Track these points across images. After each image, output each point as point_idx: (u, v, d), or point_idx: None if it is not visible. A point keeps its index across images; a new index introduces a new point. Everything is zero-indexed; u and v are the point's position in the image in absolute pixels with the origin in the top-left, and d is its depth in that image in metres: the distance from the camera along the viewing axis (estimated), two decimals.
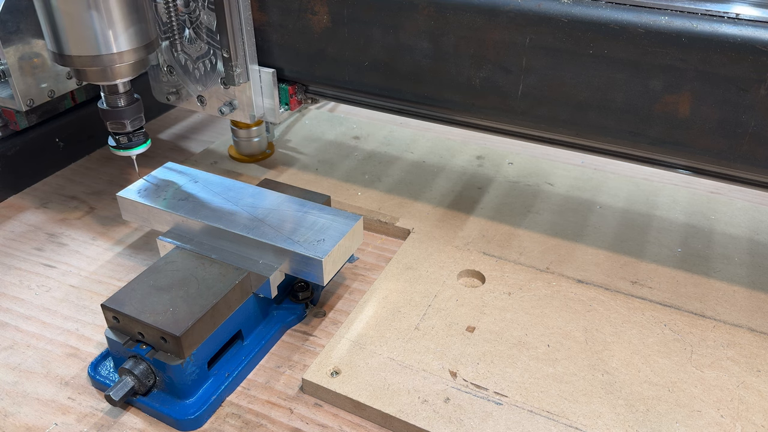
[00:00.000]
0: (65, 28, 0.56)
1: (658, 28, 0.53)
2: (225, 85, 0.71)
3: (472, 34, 0.60)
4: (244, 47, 0.69)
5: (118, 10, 0.57)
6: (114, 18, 0.57)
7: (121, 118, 0.65)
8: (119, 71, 0.61)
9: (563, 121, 0.60)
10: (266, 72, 0.71)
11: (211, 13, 0.67)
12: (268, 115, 0.73)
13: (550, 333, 0.62)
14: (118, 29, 0.58)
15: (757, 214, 0.80)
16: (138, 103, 0.66)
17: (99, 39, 0.57)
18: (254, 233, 0.62)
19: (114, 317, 0.56)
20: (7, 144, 0.86)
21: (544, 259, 0.72)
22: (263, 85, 0.72)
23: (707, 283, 0.68)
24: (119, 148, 0.67)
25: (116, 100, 0.64)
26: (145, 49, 0.61)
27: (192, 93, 0.74)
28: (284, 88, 0.72)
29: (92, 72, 0.60)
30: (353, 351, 0.60)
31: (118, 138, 0.67)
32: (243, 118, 0.74)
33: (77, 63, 0.58)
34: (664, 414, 0.54)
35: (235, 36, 0.68)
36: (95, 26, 0.56)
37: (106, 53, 0.58)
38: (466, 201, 0.82)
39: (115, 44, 0.58)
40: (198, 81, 0.73)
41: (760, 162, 0.55)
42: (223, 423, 0.55)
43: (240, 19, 0.67)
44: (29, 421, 0.56)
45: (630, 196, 0.83)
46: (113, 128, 0.66)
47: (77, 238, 0.78)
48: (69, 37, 0.57)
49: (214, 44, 0.69)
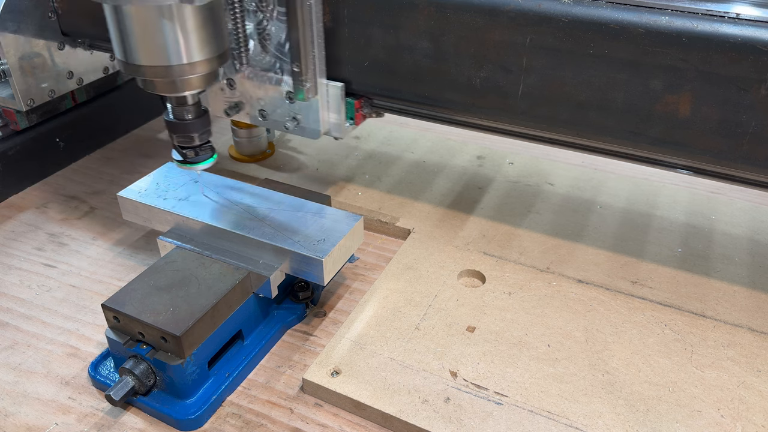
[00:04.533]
0: (136, 36, 0.52)
1: (658, 28, 0.53)
2: (291, 100, 0.67)
3: (472, 34, 0.60)
4: (315, 60, 0.64)
5: (194, 18, 0.53)
6: (188, 27, 0.53)
7: (189, 132, 0.61)
8: (190, 83, 0.56)
9: (563, 121, 0.60)
10: (335, 86, 0.66)
11: (281, 24, 0.62)
12: (333, 130, 0.69)
13: (551, 333, 0.62)
14: (192, 39, 0.53)
15: (757, 214, 0.80)
16: (206, 116, 0.62)
17: (171, 49, 0.53)
18: (254, 233, 0.62)
19: (114, 317, 0.56)
20: (8, 144, 0.86)
21: (545, 259, 0.71)
22: (330, 100, 0.67)
23: (707, 283, 0.68)
24: (186, 162, 0.62)
25: (184, 112, 0.60)
26: (218, 60, 0.56)
27: (253, 107, 0.70)
28: (351, 102, 0.68)
29: (161, 83, 0.55)
30: (353, 351, 0.60)
31: (185, 152, 0.62)
32: (308, 134, 0.69)
33: (147, 73, 0.54)
34: (664, 414, 0.54)
35: (306, 48, 0.62)
36: (168, 36, 0.52)
37: (178, 63, 0.54)
38: (467, 201, 0.82)
39: (188, 54, 0.54)
40: (261, 95, 0.68)
41: (760, 162, 0.55)
42: (224, 423, 0.55)
43: (312, 31, 0.62)
44: (29, 421, 0.56)
45: (630, 196, 0.83)
46: (180, 142, 0.61)
47: (78, 238, 0.78)
48: (139, 46, 0.53)
49: (282, 57, 0.64)
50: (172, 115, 0.61)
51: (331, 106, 0.67)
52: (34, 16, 0.80)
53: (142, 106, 1.05)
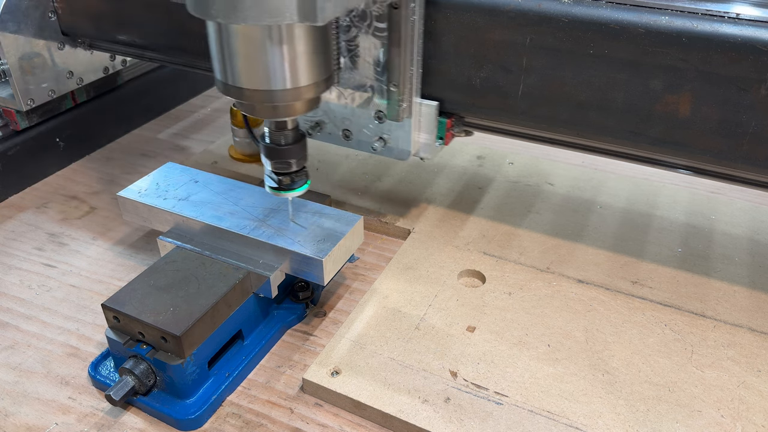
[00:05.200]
0: (240, 57, 0.47)
1: (658, 28, 0.53)
2: (380, 120, 0.63)
3: (473, 34, 0.60)
4: (413, 79, 0.60)
5: (306, 39, 0.48)
6: (299, 49, 0.48)
7: (287, 157, 0.57)
8: (293, 108, 0.52)
9: (563, 121, 0.60)
10: (429, 105, 0.63)
11: (377, 41, 0.58)
12: (422, 150, 0.65)
13: (551, 333, 0.62)
14: (301, 61, 0.49)
15: (757, 214, 0.80)
16: (304, 140, 0.58)
17: (278, 72, 0.48)
18: (254, 233, 0.62)
19: (114, 317, 0.56)
20: (8, 144, 0.86)
21: (545, 258, 0.71)
22: (423, 119, 0.64)
23: (707, 283, 0.68)
24: (280, 189, 0.59)
25: (282, 137, 0.56)
26: (325, 84, 0.52)
27: (337, 127, 0.66)
28: (443, 122, 0.64)
29: (262, 107, 0.51)
30: (353, 351, 0.60)
31: (280, 179, 0.58)
32: (396, 155, 0.65)
33: (249, 97, 0.49)
34: (664, 414, 0.54)
35: (405, 66, 0.59)
36: (277, 58, 0.47)
37: (283, 88, 0.49)
38: (467, 201, 0.82)
39: (295, 79, 0.49)
40: (347, 114, 0.65)
41: (760, 162, 0.55)
42: (224, 423, 0.55)
43: (413, 48, 0.59)
44: (30, 421, 0.56)
45: (630, 196, 0.83)
46: (277, 168, 0.58)
47: (78, 238, 0.78)
48: (242, 67, 0.48)
49: (376, 75, 0.60)
50: (268, 140, 0.57)
51: (422, 126, 0.64)
52: (34, 16, 0.80)
53: (142, 106, 1.05)
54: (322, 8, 0.42)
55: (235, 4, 0.42)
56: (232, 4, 0.42)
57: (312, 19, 0.42)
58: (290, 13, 0.42)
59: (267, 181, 0.59)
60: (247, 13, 0.42)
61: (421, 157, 0.66)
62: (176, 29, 0.76)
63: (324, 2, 0.42)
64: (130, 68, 0.99)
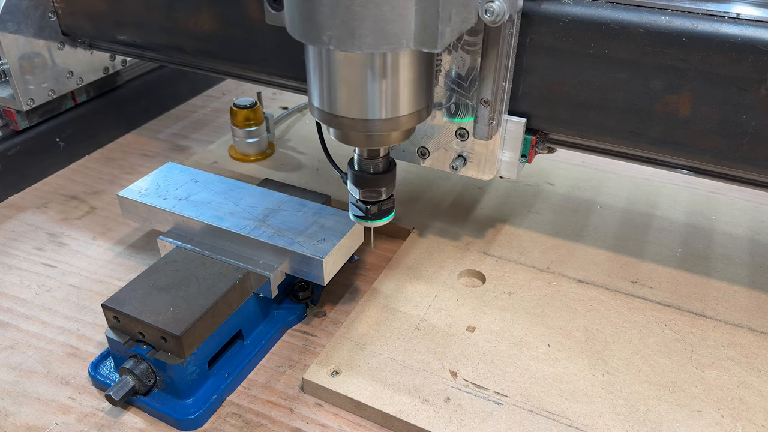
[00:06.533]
0: (340, 85, 0.45)
1: (658, 28, 0.53)
2: (463, 137, 0.59)
3: None
4: (504, 95, 0.57)
5: (411, 67, 0.45)
6: (403, 77, 0.45)
7: (378, 186, 0.54)
8: (389, 138, 0.49)
9: (563, 121, 0.60)
10: (516, 122, 0.59)
11: (467, 56, 0.54)
12: (503, 169, 0.62)
13: (551, 333, 0.62)
14: (404, 90, 0.46)
15: (757, 214, 0.80)
16: (394, 167, 0.55)
17: (379, 101, 0.45)
18: (254, 233, 0.62)
19: (114, 317, 0.56)
20: (8, 144, 0.86)
21: (545, 258, 0.71)
22: (507, 137, 0.60)
23: (707, 283, 0.68)
24: (367, 219, 0.56)
25: (373, 165, 0.53)
26: (425, 112, 0.49)
27: (413, 145, 0.62)
28: (527, 139, 0.61)
29: (357, 136, 0.49)
30: (353, 351, 0.60)
31: (368, 208, 0.56)
32: (478, 173, 0.62)
33: (344, 126, 0.47)
34: (664, 414, 0.54)
35: (498, 82, 0.55)
36: (379, 87, 0.45)
37: (381, 118, 0.46)
38: (467, 201, 0.82)
39: (395, 108, 0.46)
40: (425, 132, 0.60)
41: (760, 162, 0.55)
42: (224, 423, 0.55)
43: (508, 63, 0.55)
44: (30, 421, 0.56)
45: (630, 196, 0.83)
46: (366, 197, 0.55)
47: (78, 238, 0.78)
48: (340, 96, 0.45)
49: (460, 91, 0.56)
50: (357, 167, 0.54)
51: (506, 144, 0.61)
52: (34, 16, 0.80)
53: (142, 106, 1.05)
54: (442, 34, 0.39)
55: (353, 31, 0.39)
56: (349, 30, 0.39)
57: (430, 46, 0.40)
58: (407, 39, 0.40)
59: (352, 209, 0.57)
60: (363, 40, 0.39)
61: (501, 176, 0.63)
62: (176, 29, 0.75)
63: (444, 27, 0.39)
64: (130, 68, 0.99)
